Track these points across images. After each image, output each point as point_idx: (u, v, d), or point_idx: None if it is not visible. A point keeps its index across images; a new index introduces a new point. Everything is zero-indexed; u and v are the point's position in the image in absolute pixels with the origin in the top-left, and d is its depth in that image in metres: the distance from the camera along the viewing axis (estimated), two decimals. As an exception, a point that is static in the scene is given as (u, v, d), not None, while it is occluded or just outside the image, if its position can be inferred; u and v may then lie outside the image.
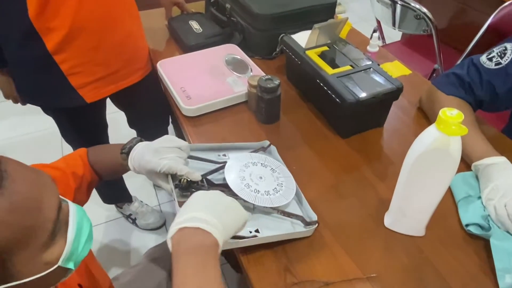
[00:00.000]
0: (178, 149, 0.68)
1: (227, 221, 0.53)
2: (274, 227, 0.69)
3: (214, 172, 0.75)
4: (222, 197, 0.57)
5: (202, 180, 0.70)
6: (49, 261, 0.48)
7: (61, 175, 0.72)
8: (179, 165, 0.65)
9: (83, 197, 0.78)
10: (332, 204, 0.78)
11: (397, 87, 0.87)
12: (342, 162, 0.87)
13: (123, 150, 0.72)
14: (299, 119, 0.99)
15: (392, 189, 0.70)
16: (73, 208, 0.53)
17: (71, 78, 1.00)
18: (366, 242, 0.71)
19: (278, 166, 0.79)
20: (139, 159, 0.68)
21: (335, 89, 0.86)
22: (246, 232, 0.67)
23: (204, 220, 0.51)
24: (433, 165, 0.59)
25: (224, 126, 0.96)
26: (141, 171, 0.70)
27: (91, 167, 0.79)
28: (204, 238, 0.50)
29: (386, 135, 0.94)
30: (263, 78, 0.92)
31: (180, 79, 1.05)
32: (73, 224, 0.51)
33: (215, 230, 0.51)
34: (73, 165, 0.76)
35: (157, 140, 0.69)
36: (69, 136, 1.24)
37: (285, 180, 0.76)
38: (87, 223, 0.54)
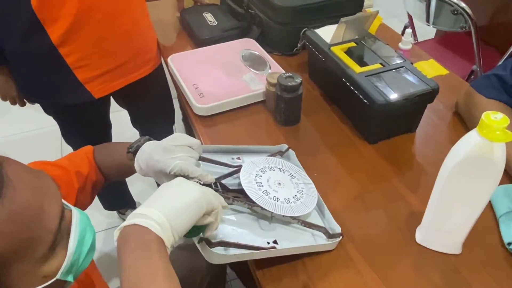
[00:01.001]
0: (189, 148, 0.69)
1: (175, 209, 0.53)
2: (294, 238, 0.69)
3: (228, 176, 0.75)
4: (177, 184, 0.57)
5: (215, 184, 0.70)
6: (48, 274, 0.48)
7: (64, 174, 0.73)
8: (191, 166, 0.66)
9: (86, 198, 0.78)
10: (357, 216, 0.77)
11: (432, 88, 0.86)
12: (368, 170, 0.86)
13: (129, 149, 0.73)
14: (321, 122, 0.99)
15: (425, 201, 0.69)
16: (76, 216, 0.53)
17: (77, 71, 1.01)
18: (394, 259, 0.70)
19: (297, 172, 0.79)
20: (147, 159, 0.69)
21: (363, 89, 0.86)
22: (263, 243, 0.67)
23: (142, 215, 0.51)
24: (474, 174, 0.58)
25: (239, 127, 0.97)
26: (148, 172, 0.71)
27: (97, 166, 0.80)
28: (142, 232, 0.50)
29: (418, 142, 0.93)
30: (283, 75, 0.92)
31: (192, 75, 1.06)
32: (75, 234, 0.51)
33: (153, 224, 0.50)
34: (78, 164, 0.77)
35: (166, 138, 0.70)
36: (71, 136, 1.26)
37: (306, 187, 0.76)
38: (90, 232, 0.55)
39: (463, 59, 1.68)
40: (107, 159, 0.80)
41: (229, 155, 0.82)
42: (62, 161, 0.76)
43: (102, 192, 1.43)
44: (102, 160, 0.80)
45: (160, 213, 0.52)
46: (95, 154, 0.80)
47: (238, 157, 0.82)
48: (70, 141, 1.29)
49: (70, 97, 1.07)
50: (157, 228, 0.50)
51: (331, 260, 0.70)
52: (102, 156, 0.80)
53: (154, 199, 0.55)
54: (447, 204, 0.65)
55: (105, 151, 0.82)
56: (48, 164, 0.74)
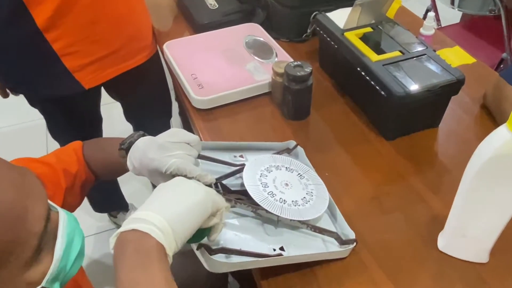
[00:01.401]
0: (187, 144, 0.68)
1: (177, 212, 0.53)
2: (303, 245, 0.69)
3: (230, 176, 0.75)
4: (179, 184, 0.57)
5: (216, 185, 0.70)
6: (32, 281, 0.48)
7: (50, 172, 0.73)
8: (189, 165, 0.65)
9: (75, 199, 0.79)
10: (373, 220, 0.77)
11: (457, 79, 0.85)
12: (385, 169, 0.86)
13: (122, 145, 0.72)
14: (333, 116, 0.98)
15: (448, 203, 0.69)
16: (64, 218, 0.53)
17: (65, 59, 1.01)
18: (414, 267, 0.70)
19: (307, 171, 0.79)
20: (141, 157, 0.69)
21: (380, 79, 0.86)
22: (269, 249, 0.66)
23: (141, 220, 0.51)
24: (503, 175, 0.58)
25: (242, 122, 0.96)
26: (142, 171, 0.70)
27: (87, 164, 0.80)
28: (140, 239, 0.49)
29: (441, 138, 0.93)
30: (291, 64, 0.92)
31: (190, 64, 1.06)
32: (62, 238, 0.51)
33: (153, 229, 0.50)
34: (66, 161, 0.76)
35: (162, 134, 0.70)
36: (58, 131, 1.26)
37: (316, 188, 0.76)
38: (79, 237, 0.54)
39: (492, 46, 1.67)
40: (97, 156, 0.80)
41: (231, 152, 0.82)
42: (49, 158, 0.76)
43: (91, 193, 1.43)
44: (92, 157, 0.80)
45: (161, 217, 0.51)
46: (84, 150, 0.80)
47: (241, 155, 0.82)
48: (56, 136, 1.29)
49: (57, 87, 1.06)
50: (158, 234, 0.50)
51: (343, 268, 0.70)
52: (92, 153, 0.80)
53: (153, 201, 0.55)
54: (473, 208, 0.65)
55: (95, 147, 0.82)
56: (33, 161, 0.74)
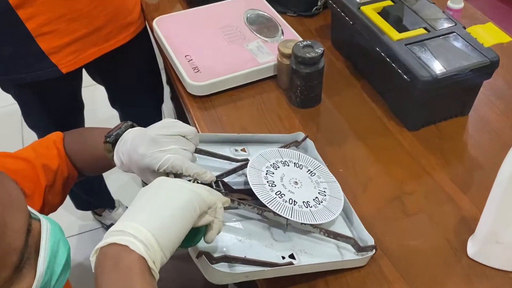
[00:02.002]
0: (183, 138, 0.68)
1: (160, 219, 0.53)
2: (315, 252, 0.69)
3: (232, 173, 0.75)
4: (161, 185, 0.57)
5: (217, 183, 0.70)
6: None
7: (27, 168, 0.73)
8: (186, 161, 0.65)
9: (56, 197, 0.79)
10: (394, 223, 0.77)
11: (490, 60, 0.85)
12: (408, 164, 0.86)
13: (107, 138, 0.72)
14: (348, 103, 0.98)
15: (479, 204, 0.69)
16: (47, 228, 0.53)
17: (40, 40, 1.01)
18: (441, 277, 0.70)
19: (318, 167, 0.79)
20: (130, 152, 0.68)
21: (403, 61, 0.85)
22: (277, 257, 0.67)
23: (120, 232, 0.51)
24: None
25: (244, 110, 0.96)
26: (131, 167, 0.70)
27: (68, 158, 0.80)
28: (119, 254, 0.49)
29: (472, 128, 0.93)
30: (299, 44, 0.91)
31: (184, 44, 1.05)
32: (45, 251, 0.51)
33: (133, 241, 0.50)
34: (45, 155, 0.76)
35: (154, 125, 0.69)
36: (34, 119, 1.26)
37: (329, 187, 0.76)
38: (64, 248, 0.54)
39: (529, 19, 1.65)
40: (80, 149, 0.80)
41: (232, 146, 0.82)
42: (26, 152, 0.76)
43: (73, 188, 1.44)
44: (74, 150, 0.80)
45: (142, 227, 0.51)
46: (65, 143, 0.80)
47: (243, 148, 0.82)
48: (33, 125, 1.30)
49: (31, 71, 1.06)
50: (139, 246, 0.50)
51: (360, 279, 0.70)
52: (74, 145, 0.80)
53: (133, 210, 0.55)
54: (509, 210, 0.64)
55: (78, 138, 0.81)
56: (7, 156, 0.74)
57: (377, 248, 0.71)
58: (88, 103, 1.38)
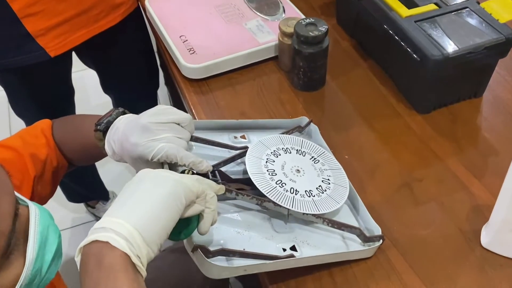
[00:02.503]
0: (177, 125, 0.68)
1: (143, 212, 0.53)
2: (318, 243, 0.70)
3: (230, 161, 0.75)
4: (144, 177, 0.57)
5: (213, 173, 0.70)
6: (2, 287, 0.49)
7: (15, 158, 0.73)
8: (180, 150, 0.66)
9: (46, 189, 0.79)
10: (403, 212, 0.77)
11: (506, 38, 0.84)
12: (418, 149, 0.86)
13: (98, 126, 0.72)
14: (354, 85, 0.98)
15: (494, 190, 0.70)
16: (35, 213, 0.53)
17: (26, 21, 1.01)
18: (453, 268, 0.70)
19: (322, 154, 0.79)
20: (122, 141, 0.69)
21: (412, 40, 0.85)
22: (278, 249, 0.67)
23: (101, 228, 0.51)
24: None
25: (243, 94, 0.96)
26: (124, 157, 0.71)
27: (58, 147, 0.80)
28: (101, 251, 0.50)
29: (485, 110, 0.92)
30: (302, 22, 0.91)
31: (179, 23, 1.05)
32: (34, 236, 0.51)
33: (115, 237, 0.50)
34: (33, 144, 0.76)
35: (146, 112, 0.69)
36: (21, 106, 1.26)
37: (333, 175, 0.76)
38: (55, 233, 0.55)
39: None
40: (70, 138, 0.80)
41: (231, 133, 0.82)
42: (13, 141, 0.76)
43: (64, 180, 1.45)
44: (63, 138, 0.80)
45: (125, 222, 0.51)
46: (54, 131, 0.80)
47: (243, 135, 0.82)
48: (20, 112, 1.30)
49: (17, 55, 1.06)
50: (120, 243, 0.50)
51: (367, 270, 0.70)
52: (63, 134, 0.80)
53: (116, 206, 0.55)
54: (525, 197, 0.64)
55: (67, 126, 0.81)
56: None
57: (385, 238, 0.71)
58: (78, 89, 1.38)
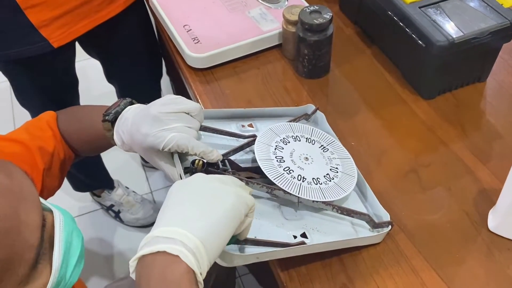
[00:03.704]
0: (187, 114, 0.67)
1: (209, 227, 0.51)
2: (328, 230, 0.70)
3: (239, 150, 0.75)
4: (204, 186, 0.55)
5: (223, 162, 0.70)
6: None
7: (23, 152, 0.73)
8: (191, 140, 0.65)
9: (54, 181, 0.79)
10: (410, 197, 0.77)
11: (510, 22, 0.84)
12: (424, 135, 0.85)
13: (106, 116, 0.72)
14: (358, 72, 0.97)
15: (500, 175, 0.70)
16: (60, 219, 0.52)
17: (29, 12, 1.00)
18: (460, 252, 0.70)
19: (331, 143, 0.78)
20: (132, 132, 0.68)
21: (417, 25, 0.84)
22: (288, 237, 0.67)
23: (168, 239, 0.49)
24: None
25: (248, 83, 0.95)
26: (133, 147, 0.70)
27: (63, 138, 0.79)
28: (168, 266, 0.48)
29: (490, 95, 0.92)
30: (306, 10, 0.90)
31: (183, 13, 1.04)
32: (59, 244, 0.51)
33: (185, 252, 0.48)
34: (40, 137, 0.75)
35: (155, 102, 0.68)
36: (26, 96, 1.25)
37: (342, 163, 0.76)
38: (78, 238, 0.55)
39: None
40: (76, 129, 0.80)
41: (239, 121, 0.82)
42: (19, 134, 0.75)
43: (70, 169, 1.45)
44: (70, 130, 0.79)
45: (192, 235, 0.49)
46: (59, 122, 0.79)
47: (250, 124, 0.82)
48: (24, 102, 1.29)
49: (21, 46, 1.06)
50: (190, 258, 0.48)
51: (376, 255, 0.70)
52: (69, 125, 0.79)
53: (175, 213, 0.52)
54: (533, 181, 0.64)
55: (73, 117, 0.81)
56: (3, 138, 0.74)
57: (393, 224, 0.71)
58: (82, 78, 1.38)
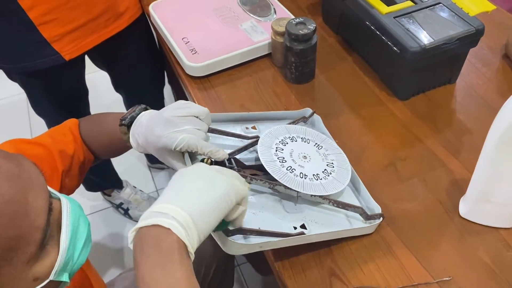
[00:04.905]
0: (196, 118, 0.68)
1: (200, 205, 0.53)
2: (325, 222, 0.70)
3: (243, 150, 0.76)
4: (203, 172, 0.57)
5: (229, 161, 0.71)
6: (40, 276, 0.49)
7: (45, 154, 0.74)
8: (200, 140, 0.66)
9: (73, 181, 0.79)
10: (389, 188, 0.78)
11: (476, 29, 0.84)
12: (400, 132, 0.86)
13: (122, 121, 0.73)
14: (341, 77, 0.98)
15: (469, 166, 0.70)
16: (67, 206, 0.54)
17: (42, 28, 1.01)
18: (435, 236, 0.71)
19: (324, 140, 0.79)
20: (147, 134, 0.69)
21: (392, 34, 0.85)
22: (289, 228, 0.68)
23: (162, 214, 0.51)
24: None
25: (242, 89, 0.96)
26: (148, 148, 0.71)
27: (84, 143, 0.80)
28: (160, 236, 0.49)
29: (459, 95, 0.93)
30: (292, 21, 0.90)
31: (181, 26, 1.04)
32: (66, 227, 0.52)
33: (175, 224, 0.50)
34: (62, 141, 0.77)
35: (168, 107, 0.69)
36: (41, 106, 1.26)
37: (336, 159, 0.76)
38: (84, 224, 0.56)
39: (511, -14, 1.63)
40: (96, 134, 0.81)
41: (243, 124, 0.83)
42: (43, 138, 0.77)
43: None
44: (90, 135, 0.80)
45: (184, 212, 0.51)
46: (81, 129, 0.80)
47: (253, 126, 0.83)
48: (40, 111, 1.30)
49: (35, 59, 1.06)
50: (180, 230, 0.50)
51: (360, 243, 0.71)
52: (89, 131, 0.81)
53: (172, 193, 0.54)
54: (498, 172, 0.65)
55: (93, 124, 0.82)
56: (25, 142, 0.75)
57: (384, 215, 0.71)
58: (92, 89, 1.38)
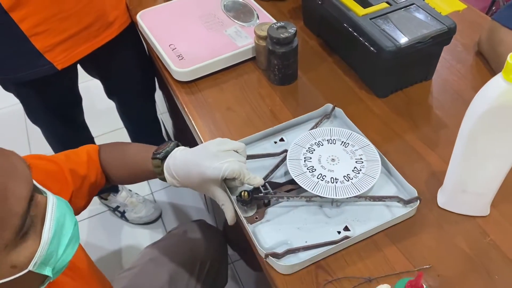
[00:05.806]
0: (235, 152, 0.71)
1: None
2: (366, 217, 0.70)
3: (275, 169, 0.77)
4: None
5: (265, 186, 0.72)
6: (17, 264, 0.49)
7: (55, 169, 0.75)
8: (242, 170, 0.69)
9: (81, 201, 0.80)
10: (371, 182, 0.77)
11: (448, 28, 0.84)
12: (380, 128, 0.86)
13: (157, 155, 0.75)
14: (322, 77, 0.98)
15: (446, 158, 0.69)
16: (53, 201, 0.53)
17: (34, 39, 1.00)
18: (415, 226, 0.71)
19: (349, 136, 0.79)
20: (191, 167, 0.71)
21: (368, 34, 0.85)
22: (333, 233, 0.68)
23: None
24: (500, 126, 0.58)
25: (228, 92, 0.96)
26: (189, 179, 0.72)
27: (102, 167, 0.81)
28: None
29: (435, 91, 0.93)
30: (274, 26, 0.90)
31: (167, 34, 1.04)
32: (50, 220, 0.52)
33: None
34: (75, 161, 0.78)
35: (210, 143, 0.72)
36: (36, 115, 1.25)
37: (364, 153, 0.76)
38: (71, 221, 0.55)
39: (483, -13, 1.64)
40: (116, 161, 0.82)
41: (271, 138, 0.83)
42: (57, 156, 0.79)
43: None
44: (110, 162, 0.82)
45: None
46: (101, 154, 0.82)
47: (281, 138, 0.83)
48: (36, 120, 1.29)
49: (28, 70, 1.06)
50: None
51: (344, 234, 0.71)
52: (111, 158, 0.82)
53: None
54: (471, 162, 0.65)
55: (115, 153, 0.83)
56: (40, 158, 0.76)
57: (421, 198, 0.71)
58: (85, 96, 1.37)
